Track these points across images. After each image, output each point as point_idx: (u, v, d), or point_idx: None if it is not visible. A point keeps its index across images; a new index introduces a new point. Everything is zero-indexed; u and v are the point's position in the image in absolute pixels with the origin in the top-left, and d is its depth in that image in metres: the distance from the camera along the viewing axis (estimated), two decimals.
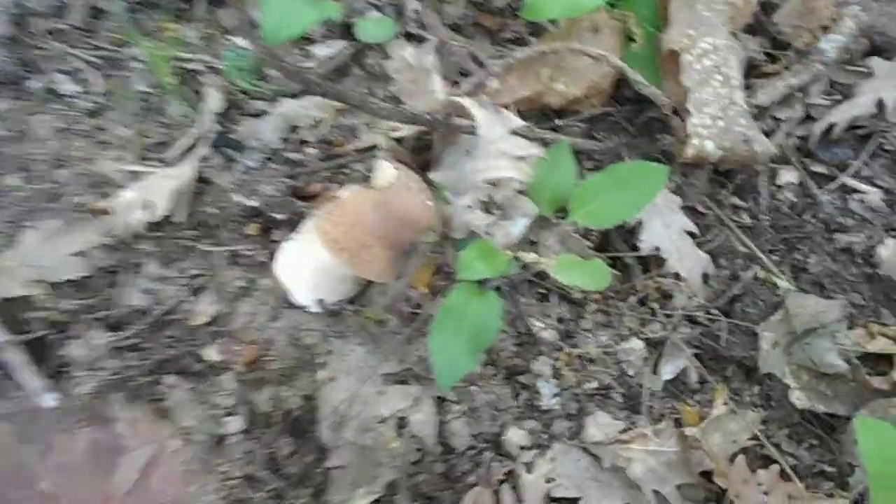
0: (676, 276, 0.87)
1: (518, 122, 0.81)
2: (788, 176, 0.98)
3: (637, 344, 0.84)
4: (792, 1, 1.03)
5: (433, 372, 0.71)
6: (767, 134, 0.94)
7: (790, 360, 0.82)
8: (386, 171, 0.68)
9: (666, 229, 0.88)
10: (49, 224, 0.84)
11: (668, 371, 0.84)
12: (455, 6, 1.04)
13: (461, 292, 0.75)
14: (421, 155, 0.93)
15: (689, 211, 0.92)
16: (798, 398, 0.81)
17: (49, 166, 0.88)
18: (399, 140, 0.89)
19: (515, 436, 0.78)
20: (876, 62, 1.01)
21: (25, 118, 0.91)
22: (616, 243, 0.90)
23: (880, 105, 0.98)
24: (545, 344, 0.83)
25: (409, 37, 1.00)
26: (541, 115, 0.97)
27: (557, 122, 0.96)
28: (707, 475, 0.77)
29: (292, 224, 0.85)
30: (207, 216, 0.87)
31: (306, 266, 0.63)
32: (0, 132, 0.90)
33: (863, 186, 0.96)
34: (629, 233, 0.91)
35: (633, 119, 0.99)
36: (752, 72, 1.01)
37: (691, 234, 0.89)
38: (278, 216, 0.86)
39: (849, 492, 0.77)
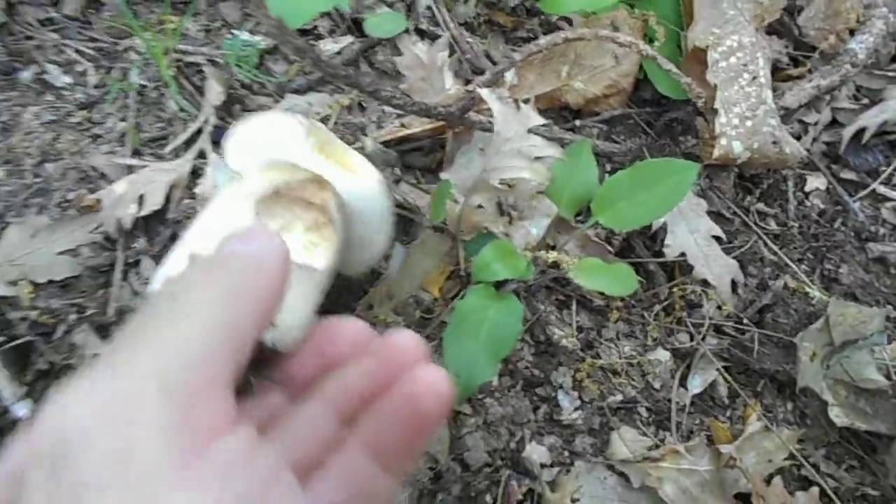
0: (704, 283, 0.82)
1: (537, 120, 0.76)
2: (816, 182, 0.93)
3: (663, 355, 0.79)
4: (816, 2, 0.99)
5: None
6: (795, 139, 0.90)
7: (828, 374, 0.77)
8: None
9: (692, 234, 0.84)
10: (35, 220, 0.78)
11: (696, 384, 0.78)
12: (468, 5, 1.00)
13: (478, 295, 0.69)
14: (432, 155, 0.89)
15: (715, 216, 0.87)
16: (837, 415, 0.75)
17: (37, 160, 0.82)
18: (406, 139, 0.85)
19: (535, 452, 0.71)
20: None
21: (14, 110, 0.86)
22: (638, 249, 0.85)
23: None
24: (565, 354, 0.78)
25: (421, 34, 0.96)
26: (558, 115, 0.93)
27: (576, 122, 0.92)
28: (740, 497, 0.71)
29: None
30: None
31: None
32: None
33: (895, 195, 0.92)
34: (651, 239, 0.86)
35: (654, 121, 0.94)
36: (775, 75, 0.97)
37: (718, 240, 0.84)
38: None
39: None
